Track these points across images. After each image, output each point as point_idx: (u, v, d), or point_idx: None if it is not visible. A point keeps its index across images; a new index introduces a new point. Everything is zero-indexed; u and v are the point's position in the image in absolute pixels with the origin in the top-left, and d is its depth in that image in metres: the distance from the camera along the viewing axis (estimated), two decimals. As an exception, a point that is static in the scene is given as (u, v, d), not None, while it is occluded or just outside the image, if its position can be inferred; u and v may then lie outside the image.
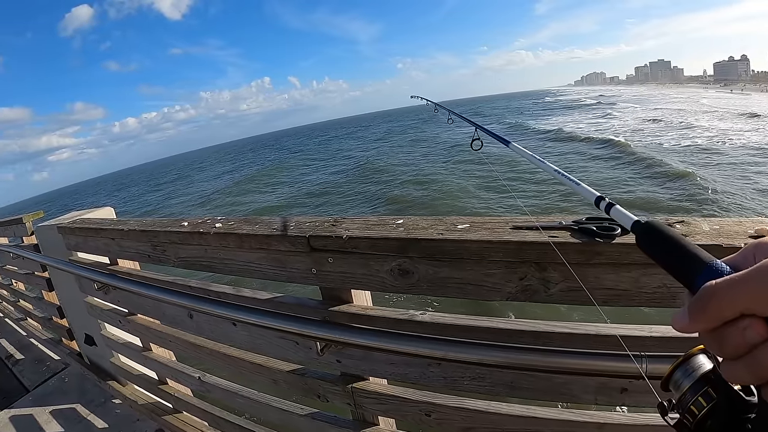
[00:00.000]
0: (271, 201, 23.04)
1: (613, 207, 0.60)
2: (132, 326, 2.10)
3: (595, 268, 0.91)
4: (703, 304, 0.32)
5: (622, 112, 43.55)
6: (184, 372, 1.92)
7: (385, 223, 1.15)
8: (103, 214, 2.38)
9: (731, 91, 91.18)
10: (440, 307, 5.26)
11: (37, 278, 3.24)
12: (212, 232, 1.42)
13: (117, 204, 38.90)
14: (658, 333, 0.92)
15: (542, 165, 0.85)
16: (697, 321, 0.33)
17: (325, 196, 21.28)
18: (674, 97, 69.39)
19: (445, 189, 17.51)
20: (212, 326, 1.60)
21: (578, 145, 25.02)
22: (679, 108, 44.54)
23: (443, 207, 14.84)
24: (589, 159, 20.69)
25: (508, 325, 1.03)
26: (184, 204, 29.69)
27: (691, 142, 22.07)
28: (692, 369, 0.38)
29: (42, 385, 2.87)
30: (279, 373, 1.46)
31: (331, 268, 1.19)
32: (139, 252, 1.81)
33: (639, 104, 55.41)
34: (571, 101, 76.20)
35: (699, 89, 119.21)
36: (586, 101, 70.79)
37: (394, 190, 18.90)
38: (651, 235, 0.42)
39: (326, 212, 17.65)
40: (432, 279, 1.05)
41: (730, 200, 11.93)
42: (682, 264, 0.37)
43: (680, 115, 35.64)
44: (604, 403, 0.99)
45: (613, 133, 27.29)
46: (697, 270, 0.35)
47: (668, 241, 0.40)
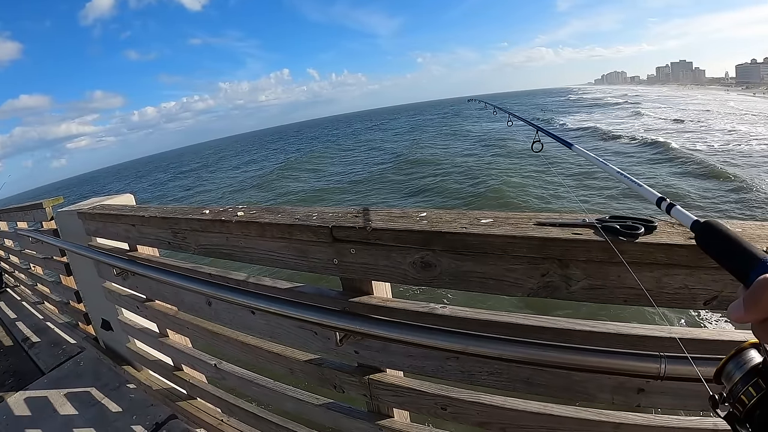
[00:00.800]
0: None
1: (674, 207, 0.61)
2: (149, 312, 2.13)
3: (618, 267, 0.91)
4: (757, 297, 0.34)
5: (653, 112, 42.74)
6: (200, 359, 1.94)
7: (409, 216, 1.15)
8: (123, 200, 2.41)
9: (754, 94, 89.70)
10: (458, 302, 5.28)
11: (55, 263, 3.29)
12: (234, 220, 1.43)
13: (152, 191, 38.59)
14: (678, 334, 0.91)
15: (605, 167, 0.86)
16: (752, 312, 0.35)
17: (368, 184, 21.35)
18: (701, 98, 67.98)
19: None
20: (231, 314, 1.62)
21: (619, 145, 24.62)
22: (709, 109, 43.56)
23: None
24: (635, 159, 20.30)
25: (528, 321, 1.03)
26: (226, 189, 29.58)
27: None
28: (744, 361, 0.40)
29: (57, 368, 2.93)
30: (296, 363, 1.48)
31: (353, 259, 1.20)
32: (159, 239, 1.83)
33: (664, 104, 54.48)
34: (595, 99, 75.63)
35: (720, 91, 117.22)
36: (610, 100, 70.12)
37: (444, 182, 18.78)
38: (709, 233, 0.46)
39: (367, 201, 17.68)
40: (454, 272, 1.06)
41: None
42: (739, 260, 0.40)
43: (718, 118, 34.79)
44: (620, 402, 0.99)
45: (653, 133, 26.86)
46: (752, 265, 0.38)
47: (726, 239, 0.43)
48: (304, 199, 20.16)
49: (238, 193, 26.25)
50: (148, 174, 72.05)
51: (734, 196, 12.87)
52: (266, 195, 23.04)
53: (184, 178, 46.16)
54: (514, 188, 16.04)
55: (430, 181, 19.34)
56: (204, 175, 42.13)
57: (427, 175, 20.57)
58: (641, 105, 53.60)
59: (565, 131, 31.65)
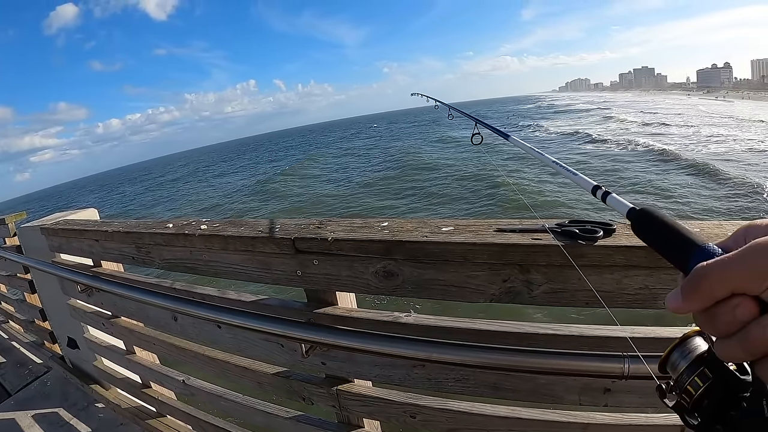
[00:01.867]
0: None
1: (610, 195, 0.61)
2: (115, 329, 2.07)
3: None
4: (695, 285, 0.33)
5: (624, 116, 43.60)
6: (168, 375, 1.90)
7: (370, 226, 1.15)
8: (86, 215, 2.35)
9: (716, 98, 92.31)
10: (424, 309, 5.25)
11: (19, 280, 3.18)
12: (197, 233, 1.41)
13: (128, 203, 37.03)
14: (639, 334, 0.93)
15: (541, 157, 0.86)
16: (690, 301, 0.34)
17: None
18: (662, 103, 69.47)
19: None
20: (197, 329, 1.59)
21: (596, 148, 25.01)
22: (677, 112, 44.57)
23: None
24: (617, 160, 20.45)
25: (492, 326, 1.04)
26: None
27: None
28: (688, 350, 0.39)
29: (24, 389, 2.82)
30: (264, 376, 1.45)
31: (316, 270, 1.19)
32: (123, 254, 1.79)
33: (632, 109, 55.65)
34: (565, 105, 76.97)
35: (682, 96, 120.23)
36: (580, 106, 71.36)
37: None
38: (646, 220, 0.43)
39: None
40: (416, 281, 1.05)
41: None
42: (676, 247, 0.38)
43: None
44: (588, 403, 0.99)
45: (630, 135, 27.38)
46: (690, 252, 0.36)
47: (663, 226, 0.41)
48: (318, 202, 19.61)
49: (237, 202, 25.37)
50: (118, 186, 69.97)
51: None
52: (278, 203, 22.40)
53: (165, 189, 44.71)
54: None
55: (436, 186, 19.03)
56: (195, 185, 40.95)
57: (430, 179, 20.38)
58: (611, 110, 54.56)
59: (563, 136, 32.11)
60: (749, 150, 20.52)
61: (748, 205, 12.25)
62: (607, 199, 0.57)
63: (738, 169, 16.35)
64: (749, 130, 27.65)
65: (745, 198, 12.94)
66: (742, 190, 13.57)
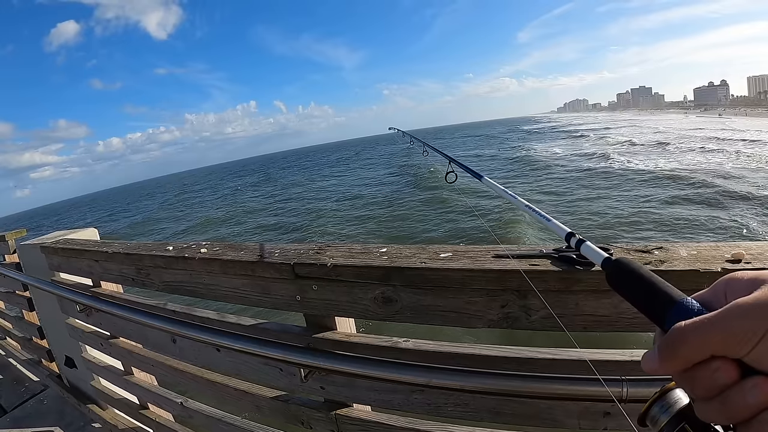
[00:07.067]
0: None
1: (584, 243, 0.60)
2: (114, 349, 2.07)
3: (576, 295, 0.93)
4: (673, 347, 0.32)
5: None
6: (166, 397, 1.89)
7: (369, 251, 1.15)
8: (86, 235, 2.35)
9: (719, 115, 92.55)
10: (424, 334, 5.17)
11: (17, 297, 3.17)
12: (197, 257, 1.41)
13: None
14: (638, 357, 0.93)
15: (514, 200, 0.86)
16: (667, 363, 0.33)
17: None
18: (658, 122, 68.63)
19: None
20: (196, 351, 1.58)
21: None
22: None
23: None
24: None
25: (491, 351, 1.04)
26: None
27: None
28: (669, 404, 0.37)
29: (20, 407, 2.80)
30: (263, 400, 1.45)
31: (315, 296, 1.19)
32: (123, 275, 1.79)
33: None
34: (564, 125, 76.98)
35: (679, 114, 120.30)
36: (582, 128, 71.12)
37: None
38: (621, 273, 0.42)
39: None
40: (415, 307, 1.06)
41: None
42: (653, 301, 0.37)
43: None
44: (588, 427, 0.99)
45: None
46: (668, 307, 0.36)
47: (638, 279, 0.40)
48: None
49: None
50: (137, 201, 68.27)
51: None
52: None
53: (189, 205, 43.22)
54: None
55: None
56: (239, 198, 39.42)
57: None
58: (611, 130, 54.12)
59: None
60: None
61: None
62: (581, 247, 0.57)
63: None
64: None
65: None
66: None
